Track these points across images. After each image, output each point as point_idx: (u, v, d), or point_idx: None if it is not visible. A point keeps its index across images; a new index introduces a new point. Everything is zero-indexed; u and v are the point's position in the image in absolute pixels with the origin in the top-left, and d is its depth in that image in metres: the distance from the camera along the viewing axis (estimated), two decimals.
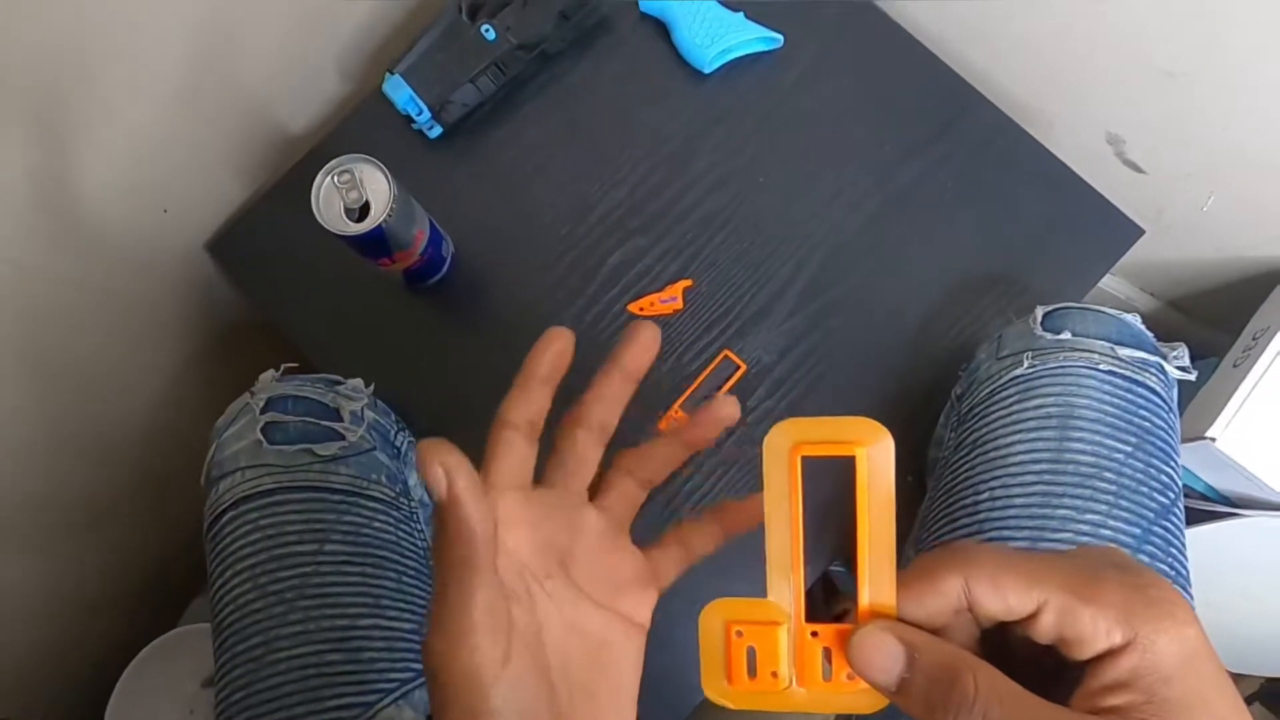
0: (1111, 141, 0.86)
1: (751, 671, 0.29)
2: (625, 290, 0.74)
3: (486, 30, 0.74)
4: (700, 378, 0.72)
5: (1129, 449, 0.52)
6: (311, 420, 0.61)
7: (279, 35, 0.73)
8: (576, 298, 0.74)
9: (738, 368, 0.72)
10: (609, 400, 0.41)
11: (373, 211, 0.61)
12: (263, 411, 0.60)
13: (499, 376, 0.73)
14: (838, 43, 0.78)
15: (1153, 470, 0.52)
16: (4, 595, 0.74)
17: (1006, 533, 0.52)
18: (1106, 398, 0.53)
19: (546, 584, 0.34)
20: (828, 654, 0.29)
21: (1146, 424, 0.53)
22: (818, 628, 0.29)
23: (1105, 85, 0.80)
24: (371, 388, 0.67)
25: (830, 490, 0.71)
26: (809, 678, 0.29)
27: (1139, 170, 0.87)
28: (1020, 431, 0.54)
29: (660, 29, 0.79)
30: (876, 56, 0.78)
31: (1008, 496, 0.53)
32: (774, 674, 0.29)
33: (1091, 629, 0.26)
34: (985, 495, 0.54)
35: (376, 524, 0.60)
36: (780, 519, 0.28)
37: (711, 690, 0.29)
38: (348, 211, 0.62)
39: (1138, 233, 0.73)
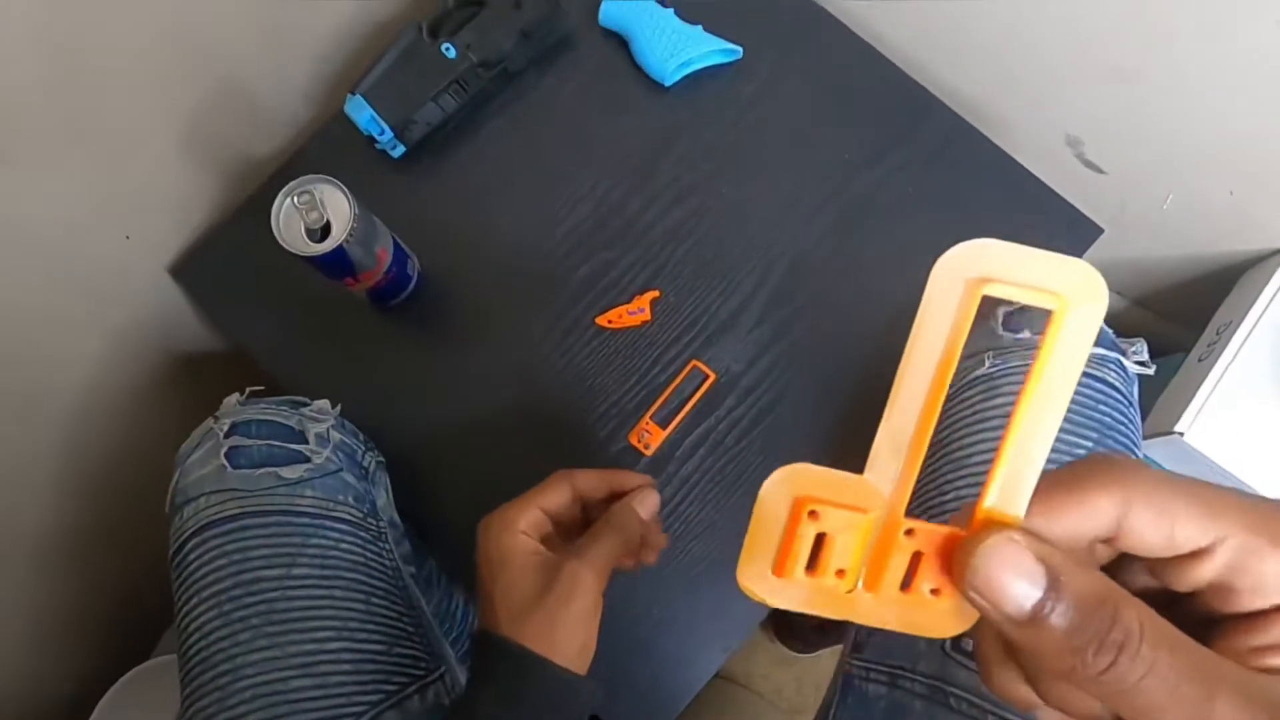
0: (1071, 143, 0.87)
1: (811, 564, 0.23)
2: (592, 304, 0.74)
3: (447, 49, 0.74)
4: (670, 388, 0.72)
5: (1091, 444, 0.52)
6: (276, 443, 0.60)
7: (241, 58, 0.73)
8: (544, 312, 0.74)
9: (707, 377, 0.72)
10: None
11: (333, 232, 0.61)
12: (226, 436, 0.60)
13: (467, 393, 0.74)
14: (796, 53, 0.79)
15: None
16: None
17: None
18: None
19: None
20: (915, 559, 0.23)
21: (1107, 419, 0.54)
22: (915, 525, 0.23)
23: (1061, 87, 0.82)
24: (338, 408, 0.67)
25: (821, 456, 0.71)
26: (884, 583, 0.23)
27: (1099, 170, 0.88)
28: (984, 430, 0.54)
29: (621, 44, 0.79)
30: (835, 65, 0.79)
31: (973, 496, 0.53)
32: (841, 572, 0.23)
33: (1277, 577, 0.22)
34: (951, 495, 0.54)
35: (344, 546, 0.59)
36: (919, 373, 0.22)
37: (748, 577, 0.23)
38: (309, 232, 0.62)
39: (1097, 232, 0.74)
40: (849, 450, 0.71)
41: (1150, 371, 0.57)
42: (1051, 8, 0.74)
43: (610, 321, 0.73)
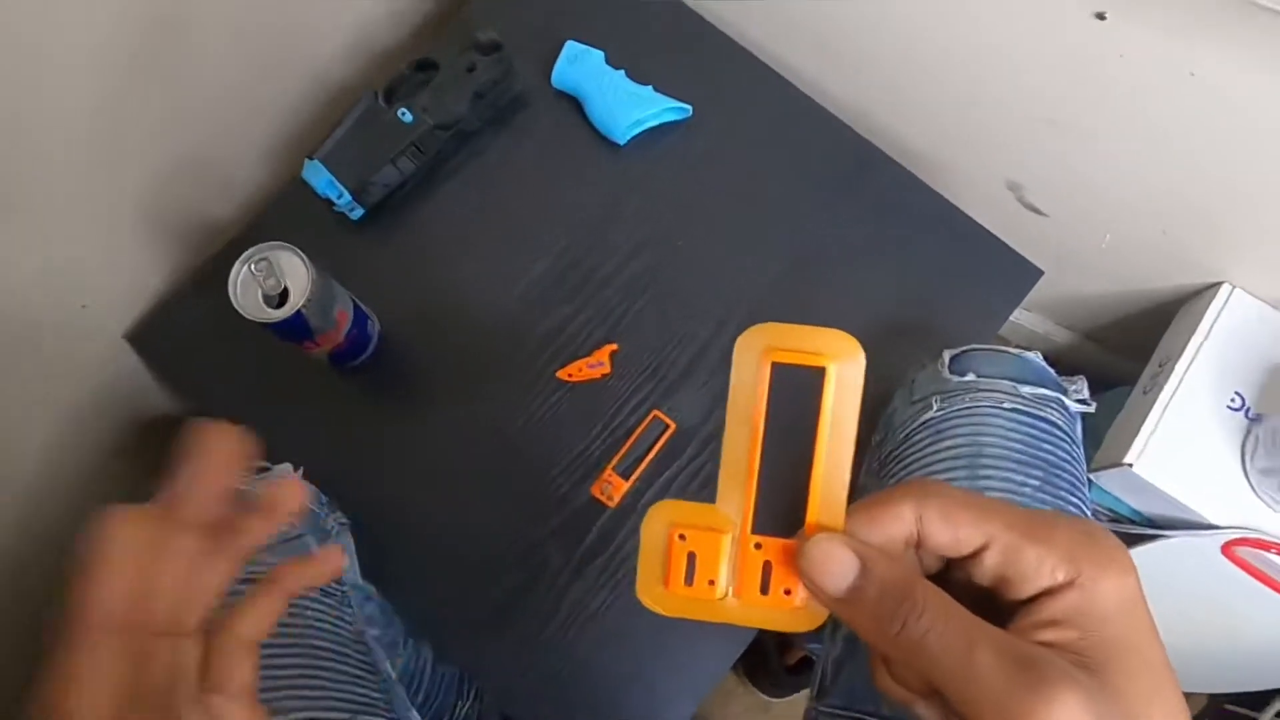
0: (1012, 188, 0.91)
1: (689, 579, 0.28)
2: (553, 358, 0.75)
3: (403, 113, 0.76)
4: (632, 438, 0.73)
5: (1037, 482, 0.54)
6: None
7: (198, 126, 0.74)
8: (505, 368, 0.75)
9: (667, 427, 0.73)
10: None
11: (291, 298, 0.62)
12: None
13: (431, 451, 0.74)
14: (745, 110, 0.81)
15: (1061, 502, 0.54)
16: None
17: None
18: (1012, 434, 0.55)
19: None
20: (768, 568, 0.28)
21: (1052, 457, 0.55)
22: (762, 540, 0.28)
23: (1001, 136, 0.85)
24: (300, 472, 0.67)
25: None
26: (746, 590, 0.28)
27: (1040, 213, 0.91)
28: (933, 472, 0.56)
29: (574, 104, 0.81)
30: (783, 121, 0.81)
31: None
32: (711, 582, 0.28)
33: (1035, 566, 0.27)
34: None
35: (308, 613, 0.59)
36: (740, 423, 0.28)
37: (645, 594, 0.29)
38: (266, 299, 0.63)
39: (1038, 274, 0.77)
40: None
41: (1090, 409, 0.59)
42: (989, 64, 0.77)
43: (570, 375, 0.74)
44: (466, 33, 0.77)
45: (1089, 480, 0.67)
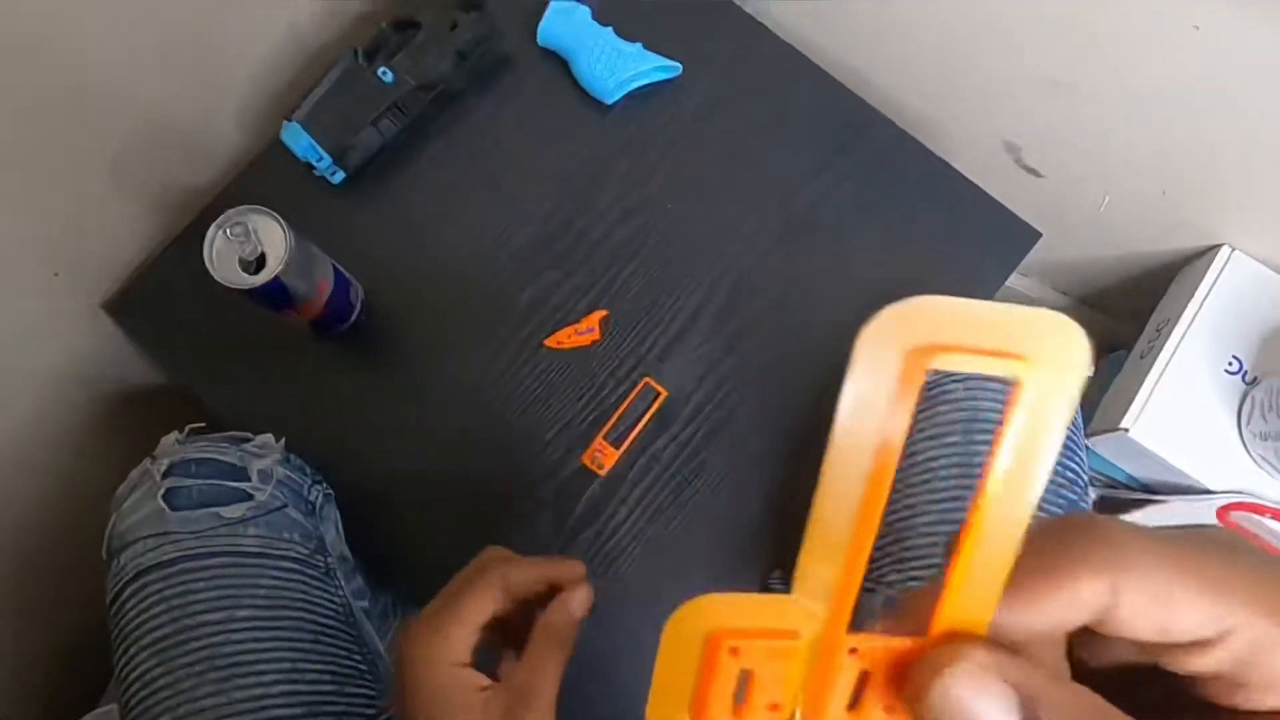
0: (1009, 149, 0.89)
1: (739, 699, 0.19)
2: (540, 326, 0.73)
3: (384, 73, 0.73)
4: (622, 407, 0.71)
5: None
6: (217, 482, 0.59)
7: (173, 88, 0.71)
8: (491, 335, 0.73)
9: (658, 394, 0.72)
10: None
11: (269, 263, 0.60)
12: (164, 476, 0.58)
13: (417, 420, 0.73)
14: (736, 69, 0.79)
15: (1058, 466, 0.53)
16: None
17: (920, 540, 0.52)
18: (1005, 398, 0.54)
19: None
20: (864, 679, 0.19)
21: None
22: (860, 642, 0.19)
23: (998, 96, 0.83)
24: (282, 442, 0.66)
25: (764, 490, 0.72)
26: (824, 709, 0.19)
27: (1038, 175, 0.90)
28: (927, 439, 0.55)
29: (560, 63, 0.79)
30: (775, 80, 0.79)
31: (919, 504, 0.53)
32: (774, 707, 0.19)
33: None
34: (904, 504, 0.54)
35: (291, 584, 0.58)
36: (850, 464, 0.18)
37: None
38: (243, 264, 0.61)
39: (1035, 236, 0.75)
40: (800, 465, 0.71)
41: (1089, 373, 0.58)
42: (987, 21, 0.75)
43: (559, 343, 0.73)
44: None
45: (1085, 446, 0.67)
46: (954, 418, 0.54)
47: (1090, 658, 0.22)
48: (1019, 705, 0.18)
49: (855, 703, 0.20)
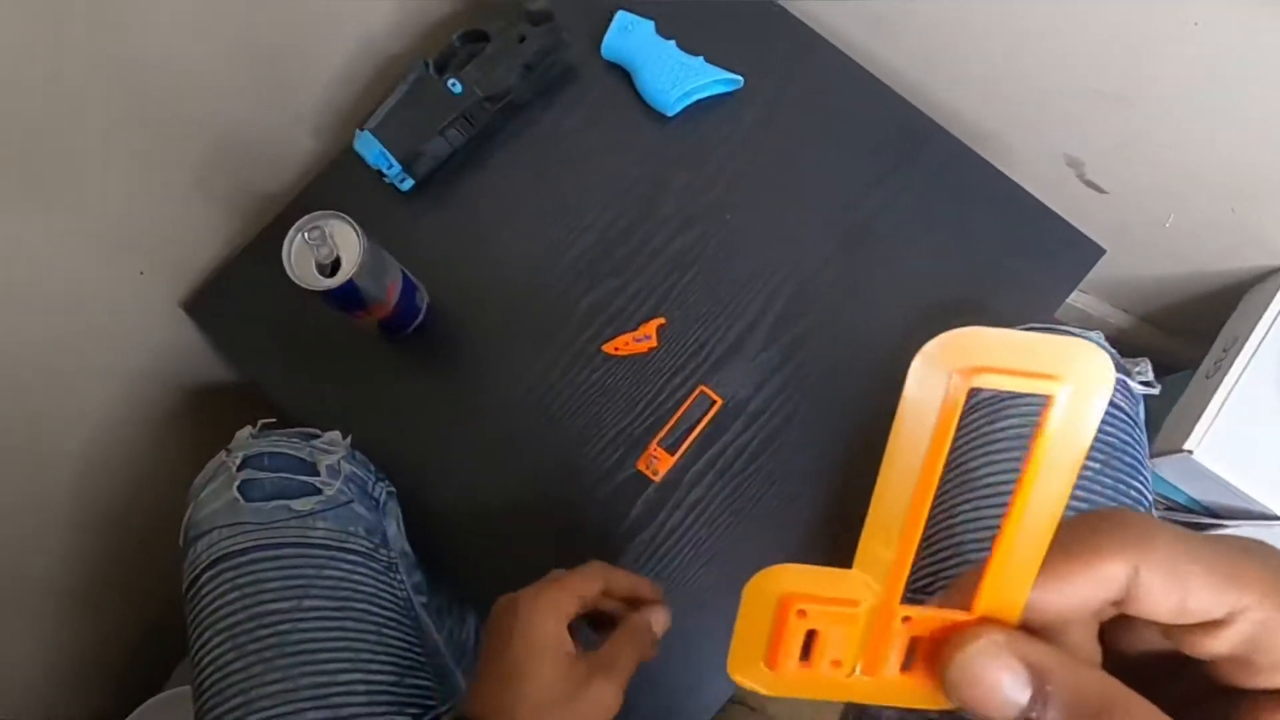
0: (1071, 164, 0.88)
1: (804, 655, 0.23)
2: (599, 332, 0.75)
3: (453, 84, 0.76)
4: (677, 414, 0.72)
5: (1097, 465, 0.53)
6: (288, 475, 0.61)
7: (254, 98, 0.75)
8: (550, 340, 0.75)
9: (714, 403, 0.72)
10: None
11: (344, 266, 0.62)
12: (239, 469, 0.61)
13: (476, 422, 0.74)
14: (796, 81, 0.80)
15: (1122, 486, 0.53)
16: None
17: (984, 553, 0.52)
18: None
19: None
20: (915, 644, 0.23)
21: (1113, 440, 0.54)
22: (912, 612, 0.22)
23: (1060, 110, 0.82)
24: (349, 439, 0.68)
25: (817, 500, 0.72)
26: (881, 666, 0.23)
27: (1100, 190, 0.88)
28: (990, 453, 0.55)
29: (623, 75, 0.80)
30: (835, 92, 0.80)
31: (981, 518, 0.53)
32: (836, 663, 0.23)
33: None
34: (960, 518, 0.54)
35: (356, 577, 0.60)
36: (906, 461, 0.21)
37: (743, 674, 0.23)
38: (319, 267, 0.63)
39: (1099, 252, 0.75)
40: (854, 475, 0.71)
41: (1155, 391, 0.57)
42: (1050, 34, 0.75)
43: (616, 349, 0.74)
44: (516, 3, 0.76)
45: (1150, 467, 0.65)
46: (1017, 432, 0.54)
47: (1122, 647, 0.24)
48: (1029, 679, 0.20)
49: (908, 665, 0.23)
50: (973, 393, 0.51)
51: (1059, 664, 0.21)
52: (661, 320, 0.74)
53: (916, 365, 0.20)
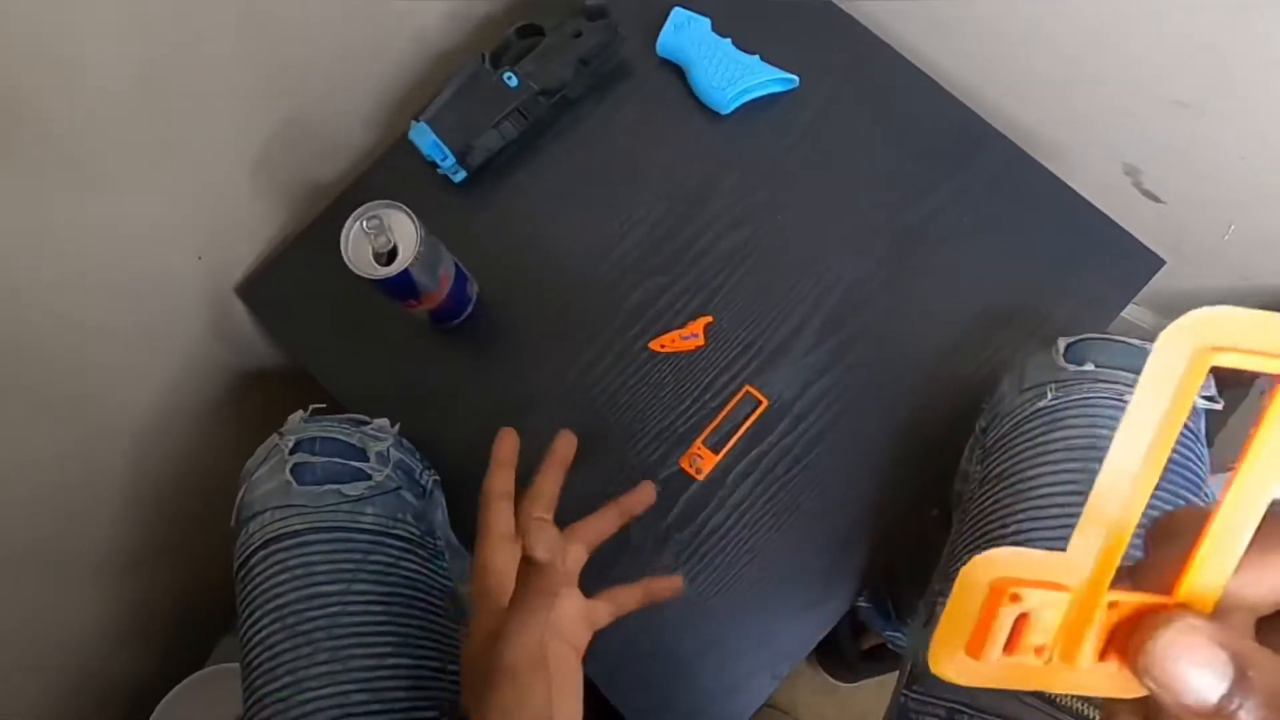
0: (1129, 172, 0.86)
1: (1009, 644, 0.23)
2: (646, 328, 0.75)
3: (509, 77, 0.76)
4: (722, 413, 0.72)
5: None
6: (339, 460, 0.62)
7: (311, 86, 0.76)
8: (598, 335, 0.75)
9: (759, 403, 0.72)
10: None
11: (400, 255, 0.63)
12: (291, 453, 0.61)
13: (521, 414, 0.75)
14: (852, 82, 0.79)
15: (1180, 501, 0.52)
16: (41, 633, 0.75)
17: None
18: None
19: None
20: (1118, 630, 0.22)
21: (1176, 455, 0.53)
22: (1119, 597, 0.22)
23: (1119, 117, 0.81)
24: (397, 427, 0.68)
25: (860, 506, 0.71)
26: (1081, 654, 0.22)
27: (1157, 200, 0.87)
28: (1046, 464, 0.54)
29: (677, 73, 0.80)
30: (891, 94, 0.79)
31: (1035, 529, 0.52)
32: (1039, 649, 0.23)
33: None
34: (1013, 528, 0.54)
35: (403, 563, 0.61)
36: (1133, 445, 0.21)
37: (945, 665, 0.23)
38: (376, 256, 0.64)
39: (1158, 263, 0.73)
40: (899, 481, 0.70)
41: (1217, 407, 0.56)
42: (1113, 40, 0.73)
43: (663, 346, 0.74)
44: None
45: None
46: (1074, 443, 0.53)
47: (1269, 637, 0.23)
48: (1228, 664, 0.20)
49: (1105, 653, 0.22)
50: (1028, 401, 0.50)
51: (1260, 653, 0.20)
52: (709, 318, 0.74)
53: (1162, 342, 0.20)
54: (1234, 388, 0.88)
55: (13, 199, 0.56)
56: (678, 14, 0.79)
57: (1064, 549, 0.24)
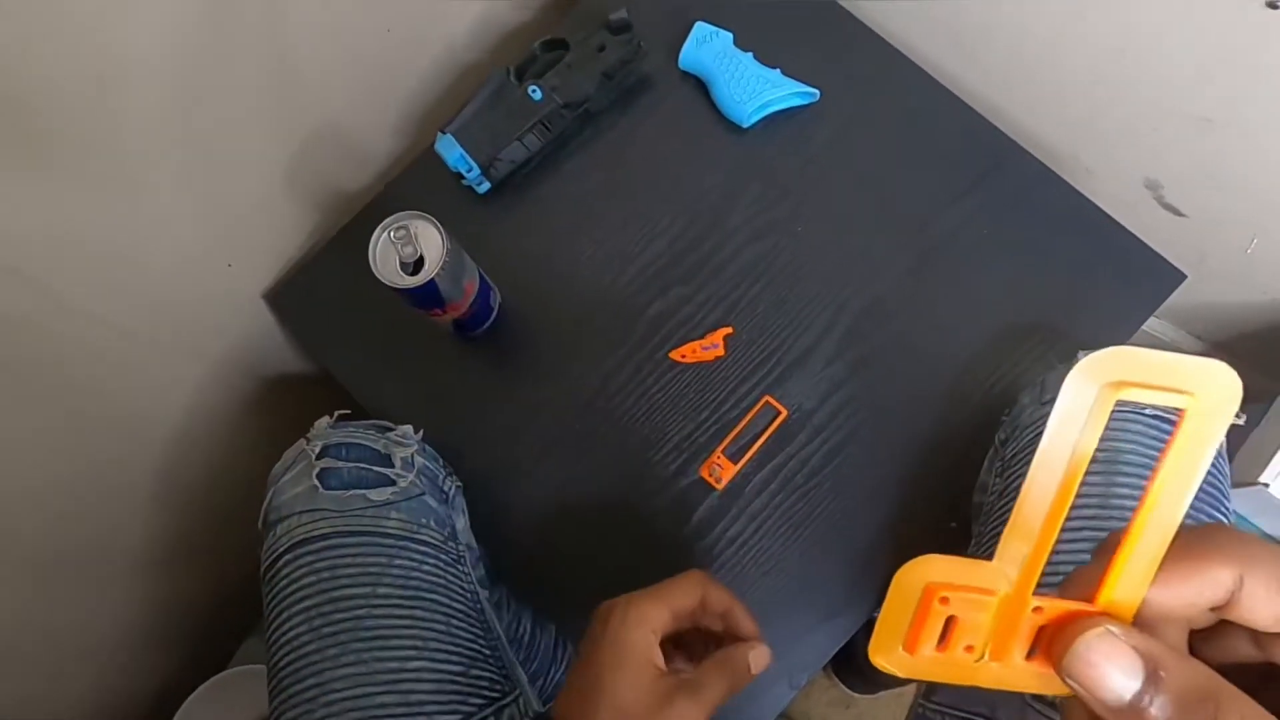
0: (1150, 186, 0.86)
1: (941, 640, 0.25)
2: (666, 339, 0.75)
3: (533, 91, 0.77)
4: (742, 424, 0.73)
5: None
6: (364, 466, 0.63)
7: (340, 97, 0.77)
8: (618, 347, 0.76)
9: (779, 414, 0.73)
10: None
11: (426, 265, 0.64)
12: (318, 458, 0.63)
13: (542, 422, 0.76)
14: (874, 96, 0.80)
15: (1203, 516, 0.52)
16: (69, 632, 0.77)
17: (1056, 579, 0.52)
18: (1152, 442, 0.53)
19: None
20: (1042, 633, 0.25)
21: None
22: (1044, 603, 0.25)
23: (1141, 131, 0.81)
24: (421, 434, 0.70)
25: (879, 517, 0.72)
26: (1009, 654, 0.25)
27: (1179, 214, 0.87)
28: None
29: (699, 86, 0.81)
30: (913, 109, 0.79)
31: (1055, 541, 0.52)
32: (969, 648, 0.25)
33: None
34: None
35: (426, 567, 0.61)
36: (1053, 464, 0.23)
37: (883, 657, 0.26)
38: (402, 265, 0.65)
39: (1180, 278, 0.73)
40: (918, 493, 0.71)
41: (1240, 421, 0.56)
42: (1134, 55, 0.74)
43: (684, 356, 0.75)
44: (596, 12, 0.78)
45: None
46: (1094, 456, 0.53)
47: (1215, 656, 0.26)
48: (1143, 667, 0.22)
49: (1032, 653, 0.25)
50: (1042, 416, 0.51)
51: (1169, 655, 0.23)
52: (729, 329, 0.75)
53: (1072, 379, 0.23)
54: (1258, 402, 0.87)
55: (50, 207, 0.58)
56: (700, 28, 0.80)
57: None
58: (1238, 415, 0.56)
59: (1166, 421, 0.54)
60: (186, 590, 0.87)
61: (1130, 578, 0.24)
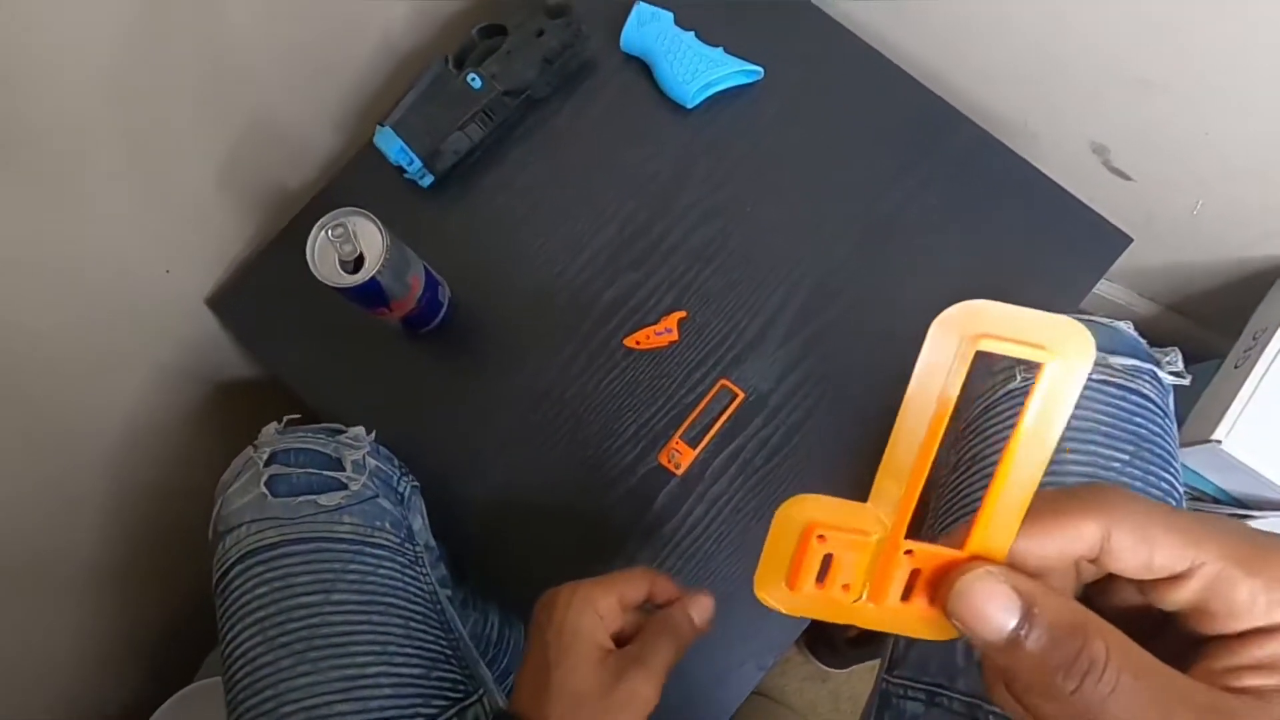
0: (1097, 151, 0.87)
1: (820, 578, 0.26)
2: (620, 325, 0.75)
3: (473, 79, 0.76)
4: (699, 408, 0.72)
5: (1126, 457, 0.52)
6: (314, 471, 0.62)
7: (274, 93, 0.75)
8: (572, 335, 0.75)
9: (735, 396, 0.72)
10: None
11: (366, 263, 0.63)
12: (266, 465, 0.61)
13: (499, 416, 0.75)
14: (818, 71, 0.79)
15: (1152, 478, 0.52)
16: (22, 652, 0.75)
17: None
18: (1101, 407, 0.53)
19: None
20: (915, 576, 0.26)
21: (1142, 431, 0.53)
22: (915, 546, 0.26)
23: (1085, 96, 0.81)
24: (373, 435, 0.68)
25: (839, 494, 0.71)
26: (885, 595, 0.26)
27: (1126, 178, 0.87)
28: (1008, 429, 0.54)
29: (642, 68, 0.80)
30: (857, 83, 0.79)
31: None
32: (846, 586, 0.26)
33: (1249, 603, 0.24)
34: (979, 480, 0.54)
35: (382, 571, 0.60)
36: (919, 414, 0.24)
37: (766, 592, 0.27)
38: (342, 264, 0.63)
39: (1126, 241, 0.74)
40: (876, 468, 0.70)
41: (1185, 382, 0.57)
42: (1077, 20, 0.74)
43: (638, 343, 0.74)
44: None
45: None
46: (1072, 424, 0.53)
47: (1109, 603, 0.28)
48: (1020, 604, 0.24)
49: (908, 594, 0.26)
50: (997, 384, 0.52)
51: (1043, 592, 0.24)
52: (683, 314, 0.74)
53: (933, 330, 0.24)
54: (1208, 359, 0.89)
55: None
56: (640, 9, 0.79)
57: None
58: (1182, 375, 0.56)
59: (1113, 385, 0.54)
60: (145, 605, 0.86)
61: (997, 528, 0.25)
